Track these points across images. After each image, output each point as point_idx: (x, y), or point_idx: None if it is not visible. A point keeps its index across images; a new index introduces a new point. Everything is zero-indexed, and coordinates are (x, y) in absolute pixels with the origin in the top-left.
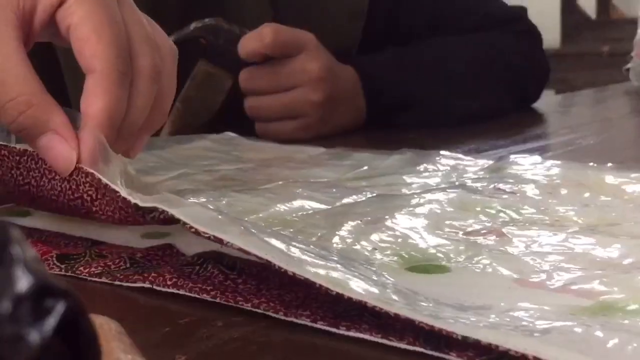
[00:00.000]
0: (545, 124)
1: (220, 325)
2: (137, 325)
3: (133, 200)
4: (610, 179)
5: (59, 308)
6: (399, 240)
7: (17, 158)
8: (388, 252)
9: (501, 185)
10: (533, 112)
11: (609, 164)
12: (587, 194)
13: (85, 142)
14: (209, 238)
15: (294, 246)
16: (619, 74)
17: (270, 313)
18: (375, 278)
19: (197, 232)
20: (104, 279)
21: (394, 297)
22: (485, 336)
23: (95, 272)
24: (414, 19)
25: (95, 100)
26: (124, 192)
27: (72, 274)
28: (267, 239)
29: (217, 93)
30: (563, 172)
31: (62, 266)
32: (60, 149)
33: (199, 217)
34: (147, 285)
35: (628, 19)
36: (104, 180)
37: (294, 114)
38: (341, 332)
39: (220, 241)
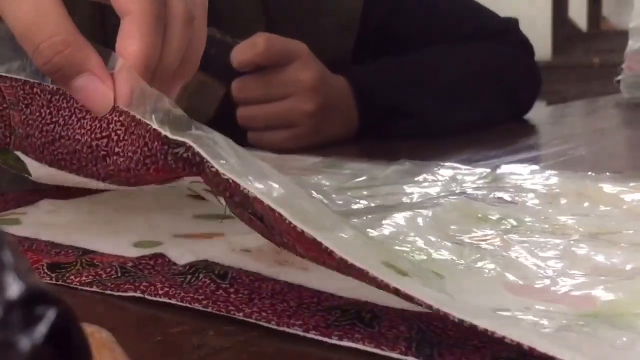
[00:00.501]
0: (537, 135)
1: (212, 335)
2: (129, 334)
3: (163, 132)
4: (608, 188)
5: (50, 315)
6: (401, 237)
7: (49, 97)
8: (395, 248)
9: (501, 194)
10: (525, 123)
11: (607, 173)
12: (586, 204)
13: (121, 83)
14: (227, 181)
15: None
16: (610, 86)
17: (262, 322)
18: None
19: (216, 173)
20: (94, 288)
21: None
22: (482, 322)
23: (86, 281)
24: (407, 29)
25: (130, 41)
26: (155, 125)
27: (63, 283)
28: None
29: (210, 102)
30: (562, 181)
31: (53, 275)
32: (98, 89)
33: (225, 161)
34: (138, 294)
35: (618, 31)
36: (138, 115)
37: (286, 124)
38: (333, 341)
39: (237, 187)
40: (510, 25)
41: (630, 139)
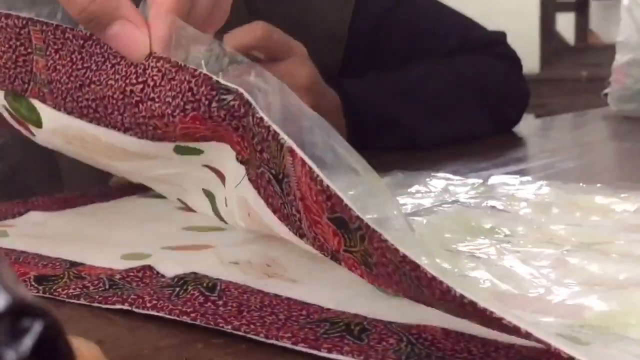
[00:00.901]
0: (525, 148)
1: (201, 347)
2: (116, 347)
3: (215, 78)
4: (600, 199)
5: (37, 328)
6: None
7: (81, 42)
8: None
9: (494, 203)
10: (513, 135)
11: (598, 185)
12: (578, 213)
13: (156, 28)
14: (268, 129)
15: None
16: (597, 99)
17: (251, 335)
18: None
19: (260, 120)
20: (82, 301)
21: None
22: (482, 302)
23: (74, 293)
24: (394, 42)
25: None
26: (204, 70)
27: (50, 296)
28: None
29: None
30: (553, 191)
31: (40, 287)
32: (134, 35)
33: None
34: (126, 307)
35: (606, 45)
36: (181, 62)
37: None
38: (322, 354)
39: (275, 136)
40: (498, 39)
41: (618, 151)
